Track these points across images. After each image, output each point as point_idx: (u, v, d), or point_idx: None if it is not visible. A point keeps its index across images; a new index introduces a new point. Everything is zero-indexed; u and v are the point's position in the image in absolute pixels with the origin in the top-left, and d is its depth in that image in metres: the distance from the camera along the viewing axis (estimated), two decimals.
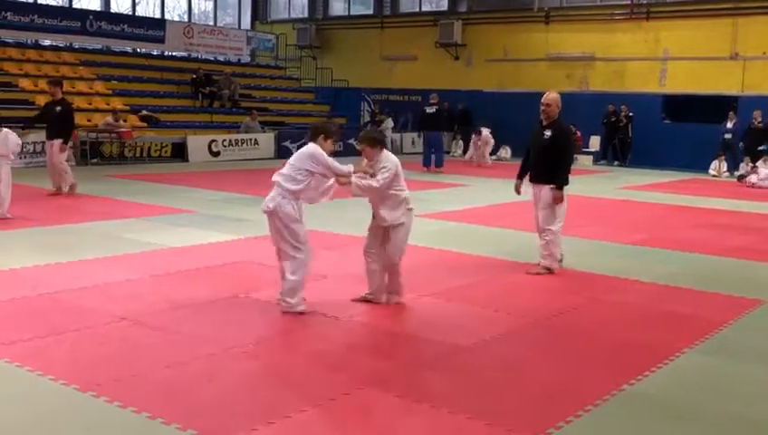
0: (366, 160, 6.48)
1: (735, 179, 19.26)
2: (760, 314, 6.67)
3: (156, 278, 7.23)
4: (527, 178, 8.31)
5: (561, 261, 8.08)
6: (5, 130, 10.64)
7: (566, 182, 7.96)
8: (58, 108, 12.99)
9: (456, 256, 8.74)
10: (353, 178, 6.25)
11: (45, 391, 4.47)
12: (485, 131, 22.57)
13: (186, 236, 9.36)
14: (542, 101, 8.09)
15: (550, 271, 7.94)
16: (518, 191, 8.47)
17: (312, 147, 6.21)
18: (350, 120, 27.18)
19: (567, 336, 5.95)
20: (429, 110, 19.67)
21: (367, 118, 28.23)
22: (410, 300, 6.65)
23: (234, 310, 6.28)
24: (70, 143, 13.51)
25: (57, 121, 12.91)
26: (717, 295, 7.29)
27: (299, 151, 6.33)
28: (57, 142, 12.80)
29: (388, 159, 6.42)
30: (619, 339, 5.89)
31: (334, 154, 6.43)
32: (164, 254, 8.36)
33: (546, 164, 7.99)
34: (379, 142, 6.54)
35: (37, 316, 5.90)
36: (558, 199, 7.94)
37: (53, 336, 5.43)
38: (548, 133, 8.04)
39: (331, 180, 6.25)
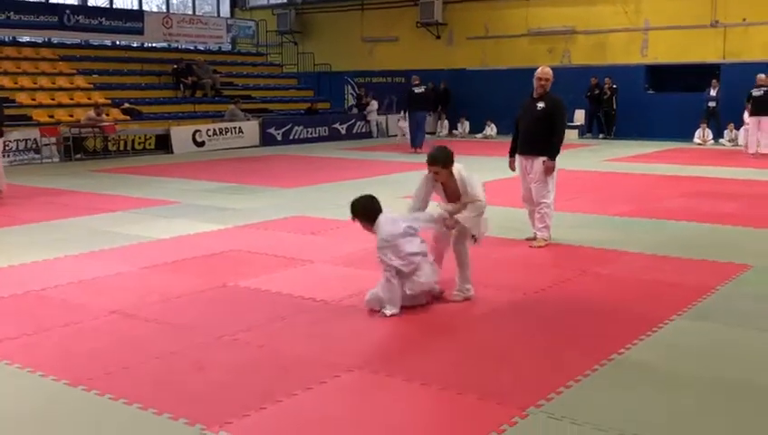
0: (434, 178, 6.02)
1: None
2: (747, 279, 6.71)
3: (144, 270, 7.21)
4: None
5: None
6: None
7: (558, 152, 8.02)
8: None
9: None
10: (458, 216, 5.90)
11: (36, 387, 4.46)
12: None
13: (173, 227, 9.33)
14: (539, 75, 8.12)
15: (547, 242, 8.07)
16: (513, 168, 8.49)
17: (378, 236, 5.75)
18: (334, 105, 27.13)
19: (556, 309, 5.97)
20: (418, 90, 19.62)
21: (351, 101, 28.16)
22: None
23: (223, 299, 6.27)
24: (1, 142, 12.54)
25: None
26: (705, 262, 7.32)
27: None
28: None
29: (469, 176, 5.99)
30: (608, 310, 5.92)
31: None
32: (151, 246, 8.33)
33: (539, 135, 8.01)
34: (452, 161, 5.93)
35: (25, 314, 5.87)
36: (551, 170, 8.01)
37: (42, 333, 5.41)
38: (541, 105, 8.07)
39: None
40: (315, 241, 8.48)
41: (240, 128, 21.58)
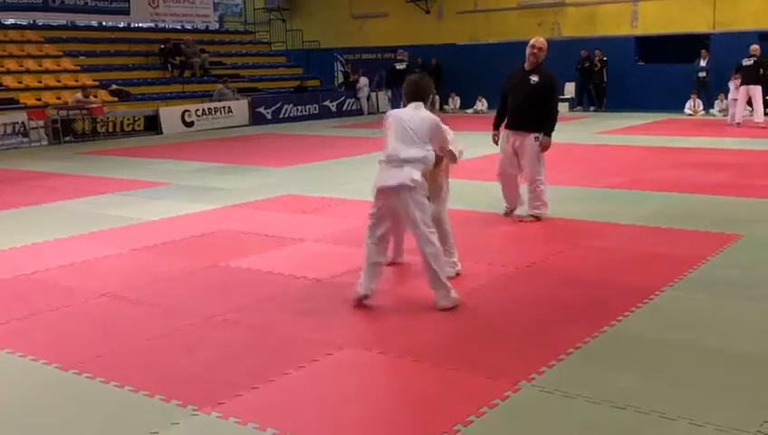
0: None
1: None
2: (738, 249, 6.71)
3: (134, 253, 7.17)
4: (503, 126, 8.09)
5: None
6: None
7: (554, 128, 7.84)
8: None
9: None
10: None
11: (27, 372, 4.44)
12: None
13: (162, 208, 9.28)
14: (534, 44, 7.78)
15: (538, 218, 7.92)
16: (496, 142, 8.21)
17: (430, 116, 5.47)
18: (323, 82, 26.98)
19: (548, 283, 5.96)
20: (399, 66, 19.50)
21: (341, 78, 28.00)
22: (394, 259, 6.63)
23: (213, 279, 6.25)
24: None
25: None
26: (696, 233, 7.33)
27: (417, 117, 5.43)
28: None
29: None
30: (599, 282, 5.91)
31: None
32: (141, 227, 8.29)
33: (531, 110, 7.70)
34: (429, 95, 5.77)
35: (15, 298, 5.84)
36: (548, 146, 7.79)
37: (32, 317, 5.39)
38: (534, 78, 7.73)
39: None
40: (306, 220, 8.44)
41: (229, 107, 21.46)
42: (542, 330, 4.92)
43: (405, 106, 5.61)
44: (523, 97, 7.79)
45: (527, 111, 7.74)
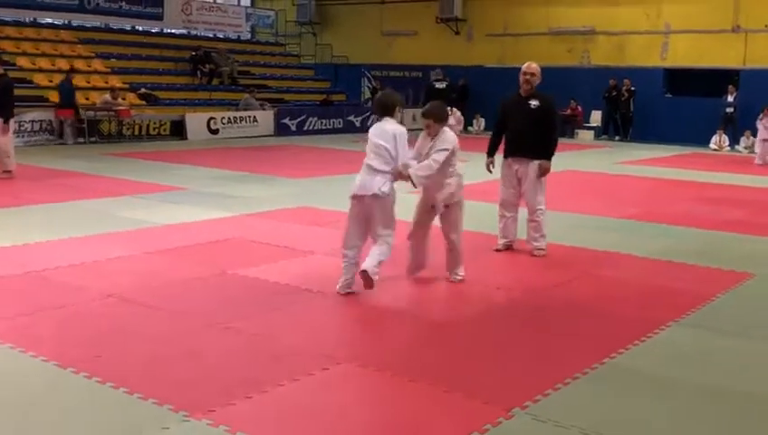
0: (426, 132, 6.37)
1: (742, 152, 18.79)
2: (747, 288, 6.65)
3: (146, 255, 7.24)
4: (499, 154, 7.84)
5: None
6: None
7: (554, 153, 7.65)
8: None
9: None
10: (411, 171, 6.03)
11: (25, 369, 4.48)
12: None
13: (178, 213, 9.36)
14: (526, 70, 7.61)
15: (545, 251, 7.63)
16: (490, 170, 7.97)
17: (395, 128, 6.08)
18: (350, 97, 27.11)
19: (553, 311, 5.94)
20: (439, 85, 19.54)
21: (368, 94, 28.11)
22: (399, 276, 6.63)
23: (221, 286, 6.29)
24: (13, 123, 12.37)
25: None
26: (707, 269, 7.26)
27: (381, 130, 6.10)
28: None
29: (447, 138, 6.25)
30: (605, 313, 5.88)
31: None
32: (155, 231, 8.36)
33: (535, 137, 7.49)
34: (445, 118, 6.40)
35: (23, 294, 5.91)
36: (547, 172, 7.59)
37: (38, 313, 5.45)
38: (535, 103, 7.55)
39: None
40: (318, 232, 8.48)
41: (255, 117, 21.61)
42: (542, 357, 4.89)
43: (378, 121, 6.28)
44: (524, 123, 7.57)
45: (530, 136, 7.52)
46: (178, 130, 19.90)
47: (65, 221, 8.70)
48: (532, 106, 7.56)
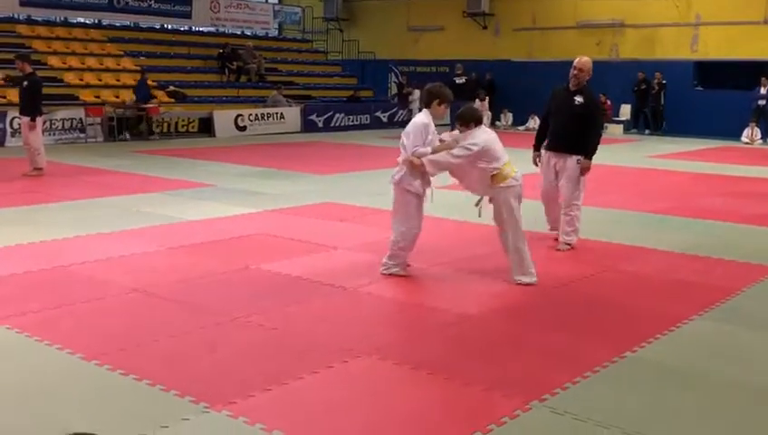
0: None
1: None
2: None
3: (170, 251, 7.32)
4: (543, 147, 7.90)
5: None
6: None
7: (595, 152, 7.60)
8: (25, 83, 12.24)
9: (471, 226, 8.64)
10: (424, 159, 6.19)
11: (50, 360, 4.57)
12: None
13: (204, 209, 9.44)
14: (575, 65, 7.62)
15: (571, 246, 7.63)
16: (536, 163, 7.98)
17: (414, 119, 6.45)
18: (377, 93, 27.12)
19: (575, 305, 5.91)
20: (459, 80, 19.55)
21: (394, 90, 28.10)
22: (420, 270, 6.66)
23: (243, 281, 6.34)
24: (42, 121, 12.66)
25: (25, 98, 12.20)
26: (733, 263, 7.18)
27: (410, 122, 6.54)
28: (26, 120, 12.19)
29: (476, 137, 6.26)
30: (628, 307, 5.84)
31: None
32: (181, 227, 8.45)
33: (576, 132, 7.47)
34: (470, 120, 6.35)
35: (50, 288, 6.01)
36: (587, 170, 7.56)
37: (63, 307, 5.54)
38: (579, 99, 7.54)
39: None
40: (342, 228, 8.51)
41: (282, 114, 21.72)
42: (561, 351, 4.88)
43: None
44: (566, 118, 7.58)
45: (570, 132, 7.52)
46: (207, 127, 20.07)
47: (93, 217, 8.82)
48: (576, 102, 7.56)
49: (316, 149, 17.64)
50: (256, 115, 21.15)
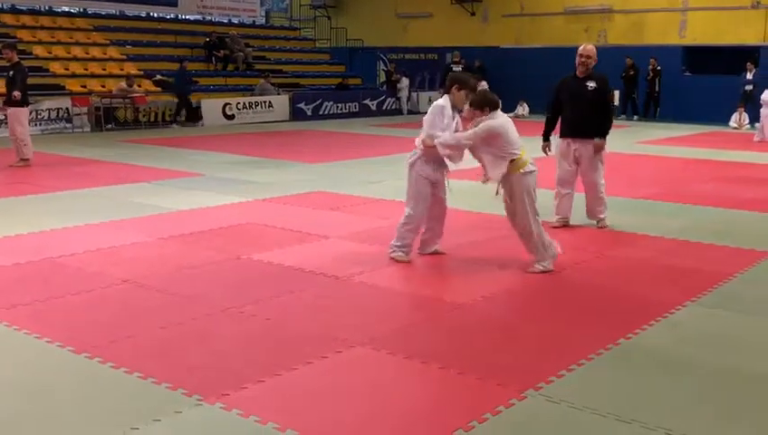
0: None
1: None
2: (766, 267, 6.56)
3: (160, 241, 7.26)
4: (554, 134, 8.06)
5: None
6: None
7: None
8: (11, 72, 12.12)
9: (471, 214, 8.60)
10: (437, 141, 6.23)
11: (41, 353, 4.51)
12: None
13: (193, 199, 9.38)
14: (582, 53, 7.88)
15: (607, 223, 8.00)
16: (546, 152, 8.09)
17: (436, 102, 6.47)
18: (365, 81, 27.02)
19: (568, 292, 5.90)
20: (456, 67, 19.57)
21: (383, 78, 28.02)
22: (414, 257, 6.62)
23: (235, 271, 6.29)
24: (28, 111, 12.66)
25: (11, 88, 12.03)
26: (726, 248, 7.18)
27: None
28: (12, 110, 12.12)
29: (492, 120, 6.24)
30: (620, 294, 5.83)
31: None
32: (170, 217, 8.38)
33: (594, 116, 7.77)
34: (484, 105, 6.34)
35: (39, 280, 5.94)
36: (602, 149, 7.90)
37: (53, 299, 5.48)
38: (592, 85, 7.80)
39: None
40: (333, 217, 8.46)
41: (270, 102, 21.61)
42: (556, 339, 4.86)
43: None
44: (583, 104, 7.81)
45: (589, 117, 7.78)
46: (194, 116, 19.92)
47: (82, 208, 8.74)
48: (590, 88, 7.83)
49: (305, 138, 17.56)
50: (244, 104, 21.04)
